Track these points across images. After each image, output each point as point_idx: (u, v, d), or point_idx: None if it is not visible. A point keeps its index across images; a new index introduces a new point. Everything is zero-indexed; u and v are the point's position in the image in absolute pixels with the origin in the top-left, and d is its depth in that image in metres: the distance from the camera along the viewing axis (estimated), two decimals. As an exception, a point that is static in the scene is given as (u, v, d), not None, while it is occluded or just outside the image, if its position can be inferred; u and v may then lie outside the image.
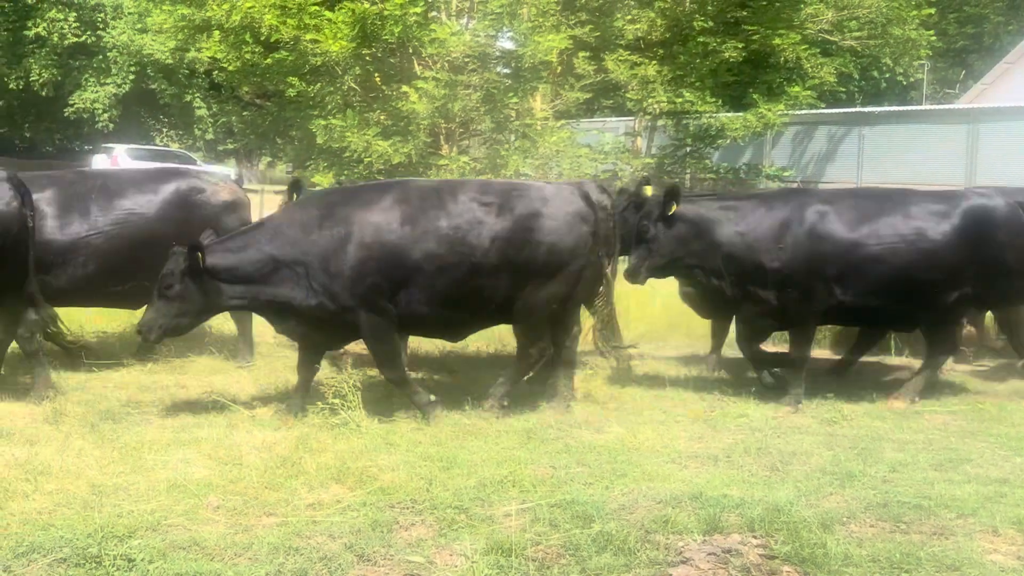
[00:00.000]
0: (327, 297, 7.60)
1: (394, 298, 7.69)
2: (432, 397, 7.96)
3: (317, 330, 7.86)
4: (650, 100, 19.25)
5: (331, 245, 7.62)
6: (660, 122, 21.54)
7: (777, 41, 19.30)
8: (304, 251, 7.62)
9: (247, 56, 19.66)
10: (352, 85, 19.23)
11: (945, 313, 8.88)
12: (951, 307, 8.80)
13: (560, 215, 7.92)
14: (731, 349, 10.74)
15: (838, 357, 10.33)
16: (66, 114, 39.54)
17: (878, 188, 10.01)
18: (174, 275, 7.50)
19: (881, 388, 9.36)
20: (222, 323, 11.15)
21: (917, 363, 9.83)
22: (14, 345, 8.42)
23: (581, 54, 18.76)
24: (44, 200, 8.92)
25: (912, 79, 36.06)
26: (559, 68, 19.29)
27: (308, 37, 17.48)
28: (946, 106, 30.10)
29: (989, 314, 10.67)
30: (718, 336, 10.43)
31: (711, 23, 19.72)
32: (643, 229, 8.76)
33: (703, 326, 11.50)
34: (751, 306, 8.81)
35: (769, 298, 8.64)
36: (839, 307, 8.70)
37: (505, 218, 7.81)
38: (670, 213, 8.71)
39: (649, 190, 10.81)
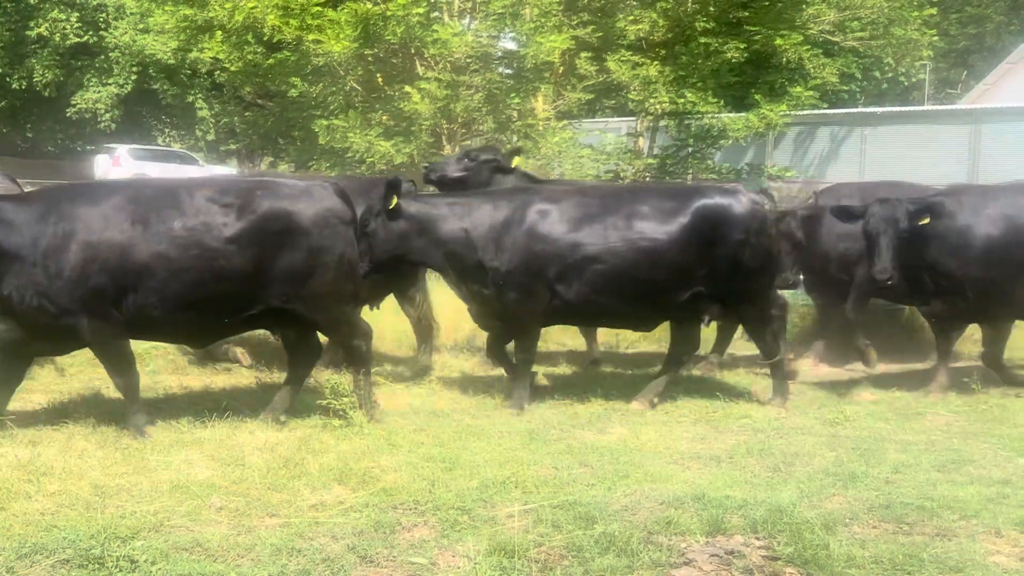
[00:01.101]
0: (46, 299, 7.01)
1: (121, 302, 7.15)
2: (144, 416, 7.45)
3: (37, 335, 7.26)
4: (652, 100, 19.25)
5: (52, 243, 7.02)
6: (662, 122, 21.54)
7: (779, 41, 19.28)
8: (22, 247, 7.01)
9: (249, 56, 19.69)
10: (354, 85, 19.25)
11: (680, 312, 8.67)
12: (684, 306, 8.55)
13: (311, 213, 7.50)
14: (733, 349, 10.77)
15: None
16: (68, 114, 39.55)
17: (611, 186, 9.75)
18: None
19: (883, 389, 9.35)
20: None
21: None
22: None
23: (583, 54, 18.77)
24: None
25: (914, 79, 36.03)
26: (561, 68, 19.30)
27: (310, 37, 17.51)
28: (948, 107, 30.10)
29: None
30: (720, 337, 10.43)
31: (713, 24, 19.71)
32: (363, 222, 8.36)
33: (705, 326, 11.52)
34: (476, 306, 8.67)
35: (491, 298, 8.44)
36: (564, 308, 8.45)
37: (247, 218, 7.30)
38: (391, 207, 8.31)
39: (519, 160, 10.82)
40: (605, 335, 11.13)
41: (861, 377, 9.97)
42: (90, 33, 38.27)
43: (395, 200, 8.32)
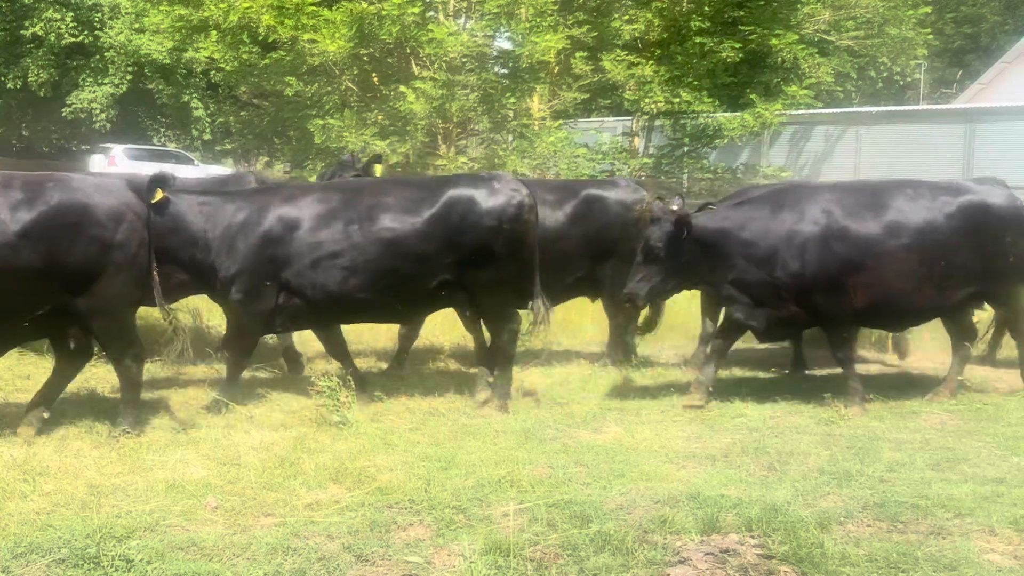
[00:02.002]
0: None
1: None
2: None
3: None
4: (647, 100, 19.26)
5: None
6: (657, 122, 21.55)
7: (774, 41, 19.30)
8: None
9: (245, 56, 19.69)
10: (350, 85, 19.26)
11: (431, 303, 8.61)
12: (433, 297, 8.42)
13: (102, 209, 7.05)
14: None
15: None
16: (63, 114, 39.49)
17: (359, 181, 9.50)
18: None
19: (878, 389, 9.36)
20: (219, 323, 11.17)
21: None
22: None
23: (578, 54, 18.78)
24: None
25: (909, 79, 36.11)
26: (556, 68, 19.31)
27: (306, 37, 17.51)
28: (943, 106, 30.15)
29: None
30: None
31: (708, 23, 19.72)
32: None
33: (701, 326, 11.54)
34: (226, 308, 8.45)
35: (222, 300, 8.29)
36: (308, 308, 8.20)
37: (31, 214, 6.83)
38: (153, 202, 7.74)
39: (379, 169, 10.78)
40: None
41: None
42: (85, 33, 38.20)
43: (159, 194, 7.83)
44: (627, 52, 19.44)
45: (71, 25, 37.65)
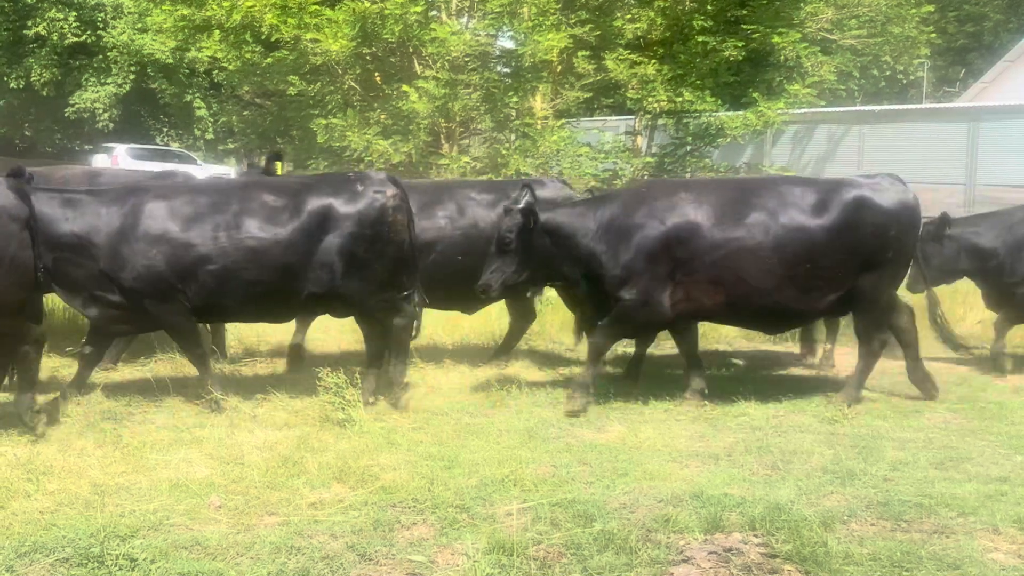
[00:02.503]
0: None
1: None
2: None
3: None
4: (650, 99, 19.25)
5: None
6: (660, 121, 21.54)
7: (777, 40, 19.28)
8: None
9: (247, 55, 19.70)
10: (352, 84, 19.26)
11: (306, 310, 8.57)
12: (307, 304, 8.31)
13: None
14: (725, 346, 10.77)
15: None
16: (66, 114, 39.54)
17: (228, 181, 9.29)
18: None
19: (881, 387, 9.36)
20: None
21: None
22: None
23: (581, 53, 18.77)
24: None
25: (912, 77, 36.05)
26: (559, 67, 19.31)
27: (308, 36, 17.51)
28: (946, 105, 30.12)
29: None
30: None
31: (711, 22, 19.71)
32: None
33: (704, 324, 11.53)
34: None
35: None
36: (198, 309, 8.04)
37: None
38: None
39: (280, 167, 10.72)
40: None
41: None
42: (88, 32, 38.25)
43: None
44: (630, 51, 19.42)
45: (74, 25, 37.70)
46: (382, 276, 8.21)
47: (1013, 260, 10.31)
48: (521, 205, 8.42)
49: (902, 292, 9.59)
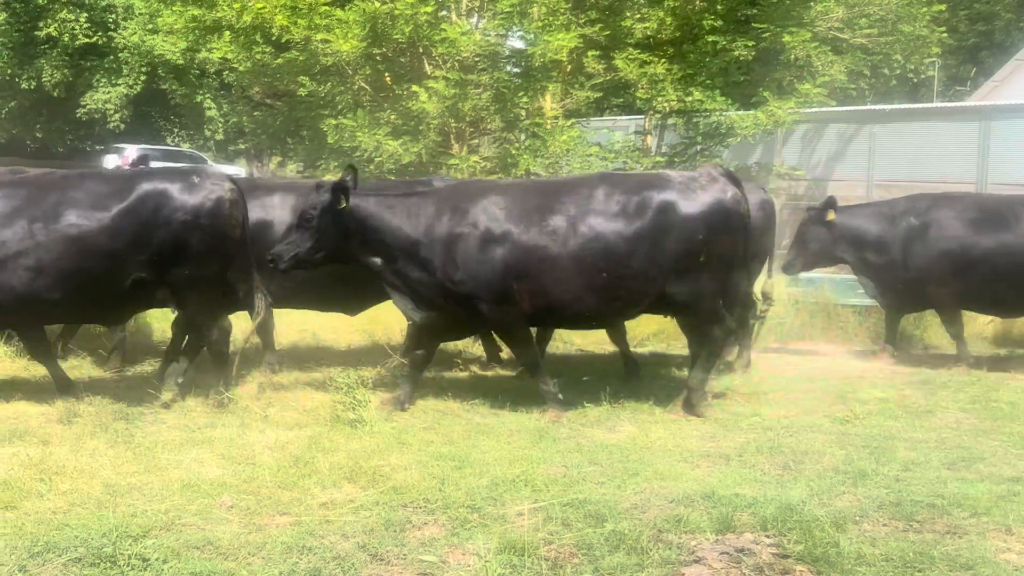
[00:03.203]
0: None
1: None
2: None
3: None
4: (659, 99, 19.21)
5: None
6: (670, 120, 21.50)
7: (787, 39, 19.22)
8: None
9: (258, 56, 19.70)
10: (363, 85, 19.26)
11: (134, 301, 8.31)
12: (132, 295, 8.07)
13: None
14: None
15: None
16: (78, 114, 39.64)
17: (49, 173, 9.03)
18: None
19: (892, 387, 9.35)
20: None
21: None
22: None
23: (591, 53, 18.74)
24: None
25: (923, 76, 35.95)
26: (569, 67, 19.28)
27: (319, 37, 17.52)
28: (957, 104, 30.00)
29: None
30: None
31: (721, 21, 19.65)
32: None
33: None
34: None
35: None
36: (24, 306, 7.82)
37: None
38: None
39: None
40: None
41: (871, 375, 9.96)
42: (99, 34, 38.33)
43: None
44: (639, 51, 19.38)
45: (85, 26, 37.78)
46: (212, 272, 8.10)
47: (906, 253, 10.49)
48: (335, 183, 8.18)
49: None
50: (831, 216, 10.71)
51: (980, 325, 11.51)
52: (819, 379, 9.75)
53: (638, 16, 19.19)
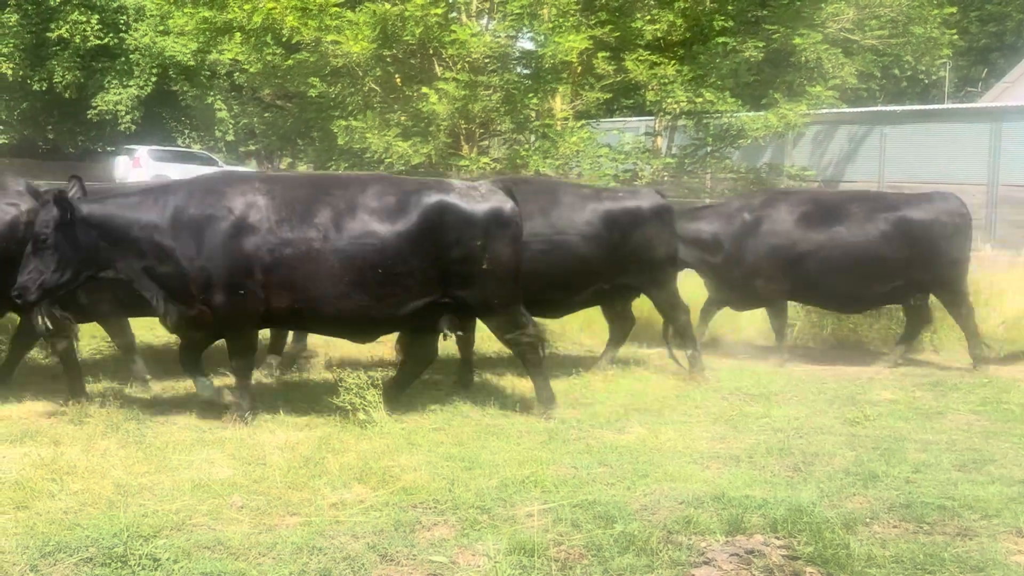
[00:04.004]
0: None
1: None
2: None
3: None
4: (669, 100, 19.22)
5: None
6: (680, 122, 21.51)
7: (798, 41, 19.23)
8: None
9: (268, 57, 19.79)
10: (373, 86, 19.30)
11: None
12: None
13: None
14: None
15: None
16: (89, 116, 39.75)
17: None
18: None
19: (903, 389, 9.33)
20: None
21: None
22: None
23: (601, 54, 18.76)
24: None
25: (934, 77, 35.88)
26: (579, 68, 19.30)
27: (329, 38, 17.57)
28: (968, 105, 29.94)
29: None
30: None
31: (731, 23, 19.67)
32: None
33: (724, 326, 11.55)
34: None
35: None
36: None
37: None
38: None
39: None
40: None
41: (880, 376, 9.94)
42: (110, 35, 38.46)
43: None
44: (649, 52, 19.41)
45: (96, 27, 37.90)
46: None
47: (738, 250, 10.61)
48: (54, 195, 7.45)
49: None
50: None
51: (991, 327, 11.46)
52: (829, 380, 9.74)
53: (648, 17, 19.21)
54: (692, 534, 5.41)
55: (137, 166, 35.86)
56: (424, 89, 17.42)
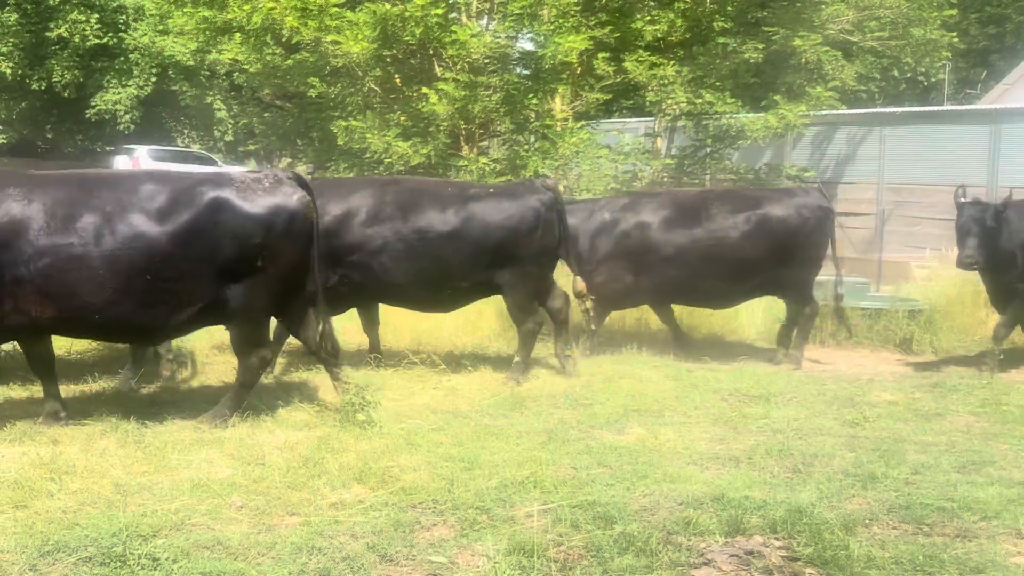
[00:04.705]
0: None
1: None
2: None
3: None
4: (669, 101, 19.21)
5: None
6: (680, 123, 21.50)
7: (798, 42, 19.22)
8: None
9: (268, 58, 19.78)
10: (373, 86, 19.29)
11: None
12: None
13: None
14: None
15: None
16: (88, 115, 39.78)
17: None
18: None
19: (902, 390, 9.33)
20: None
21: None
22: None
23: (600, 55, 18.75)
24: None
25: (933, 79, 35.89)
26: (579, 69, 19.29)
27: (329, 39, 17.56)
28: (968, 107, 29.92)
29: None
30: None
31: (731, 24, 19.66)
32: None
33: (723, 327, 11.56)
34: None
35: None
36: None
37: None
38: None
39: None
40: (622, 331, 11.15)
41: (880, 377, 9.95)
42: (110, 34, 38.48)
43: None
44: (649, 53, 19.39)
45: (96, 27, 37.94)
46: None
47: (591, 245, 10.69)
48: None
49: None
50: None
51: (989, 328, 11.46)
52: (828, 382, 9.74)
53: (648, 18, 19.20)
54: (691, 535, 5.41)
55: (136, 166, 35.85)
56: (424, 89, 17.41)
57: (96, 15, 38.09)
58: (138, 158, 36.48)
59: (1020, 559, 5.19)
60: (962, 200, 10.29)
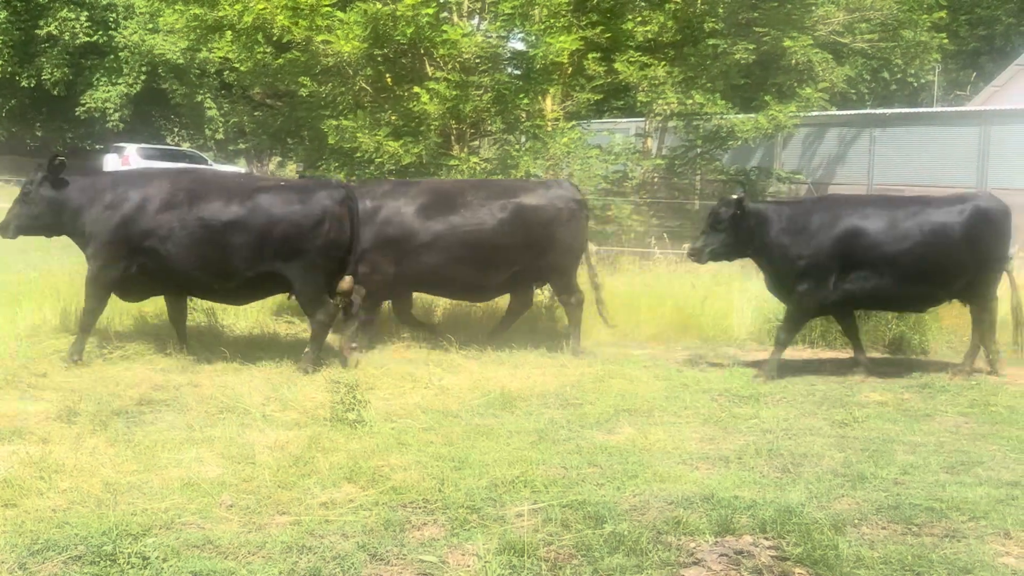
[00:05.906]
0: None
1: None
2: None
3: None
4: (660, 101, 19.23)
5: None
6: (671, 123, 21.53)
7: (788, 43, 19.26)
8: None
9: (259, 56, 19.70)
10: (363, 86, 19.26)
11: None
12: None
13: None
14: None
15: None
16: (77, 113, 39.69)
17: None
18: None
19: (891, 391, 9.36)
20: (234, 322, 11.20)
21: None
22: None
23: (591, 55, 18.76)
24: None
25: (923, 81, 35.98)
26: (570, 69, 19.29)
27: (320, 38, 17.52)
28: (957, 108, 30.03)
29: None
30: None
31: (722, 25, 19.69)
32: None
33: (714, 327, 11.57)
34: None
35: None
36: None
37: None
38: None
39: None
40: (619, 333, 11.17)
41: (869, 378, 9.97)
42: (100, 32, 38.41)
43: None
44: (640, 53, 19.41)
45: (85, 25, 37.86)
46: None
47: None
48: None
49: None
50: None
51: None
52: (818, 382, 9.76)
53: (639, 19, 19.21)
54: (681, 534, 5.43)
55: (126, 164, 35.75)
56: (415, 89, 17.39)
57: (86, 13, 38.01)
58: (128, 156, 36.39)
59: (1008, 559, 5.21)
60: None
